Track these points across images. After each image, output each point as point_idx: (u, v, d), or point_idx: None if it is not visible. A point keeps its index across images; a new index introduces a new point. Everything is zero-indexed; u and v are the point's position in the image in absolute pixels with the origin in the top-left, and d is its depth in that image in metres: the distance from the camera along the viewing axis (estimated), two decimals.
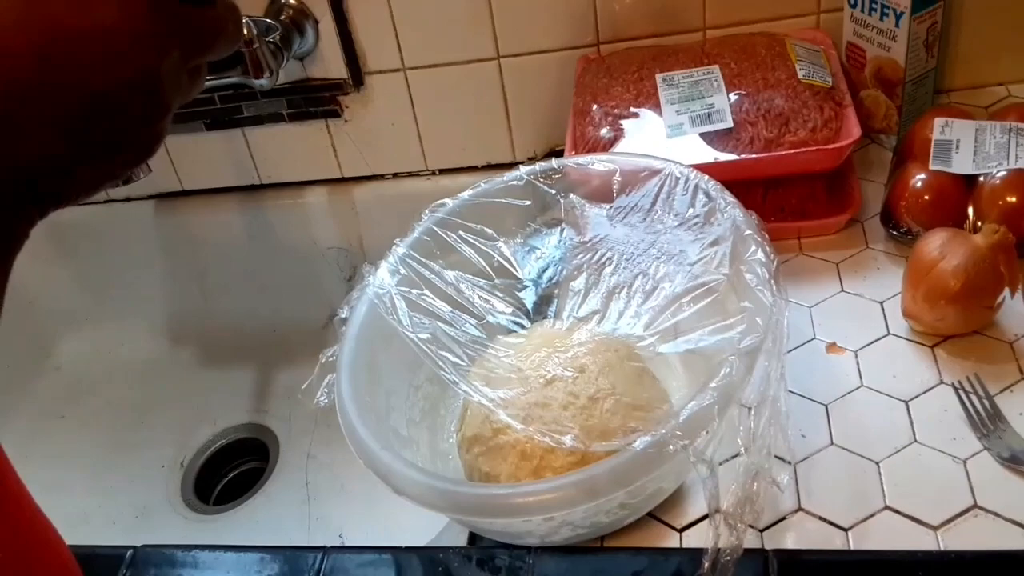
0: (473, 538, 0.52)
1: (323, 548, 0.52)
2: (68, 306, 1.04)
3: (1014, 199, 0.60)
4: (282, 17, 0.81)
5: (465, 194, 0.63)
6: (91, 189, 0.30)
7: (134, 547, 0.53)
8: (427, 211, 0.62)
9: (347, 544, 0.73)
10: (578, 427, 0.48)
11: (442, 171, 0.91)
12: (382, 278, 0.58)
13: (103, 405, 0.99)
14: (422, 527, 0.54)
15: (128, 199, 0.98)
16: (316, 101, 0.87)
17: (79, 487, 0.90)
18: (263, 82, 0.77)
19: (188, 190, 0.97)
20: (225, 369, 0.99)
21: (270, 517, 0.83)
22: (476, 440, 0.53)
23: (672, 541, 0.49)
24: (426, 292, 0.58)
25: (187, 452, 0.91)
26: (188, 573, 0.52)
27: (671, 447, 0.42)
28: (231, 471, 0.91)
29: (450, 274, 0.60)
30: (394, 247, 0.60)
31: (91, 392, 1.01)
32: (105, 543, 0.54)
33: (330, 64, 0.84)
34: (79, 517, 0.86)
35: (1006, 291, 0.55)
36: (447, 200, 0.63)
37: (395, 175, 0.92)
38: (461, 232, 0.62)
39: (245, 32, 0.74)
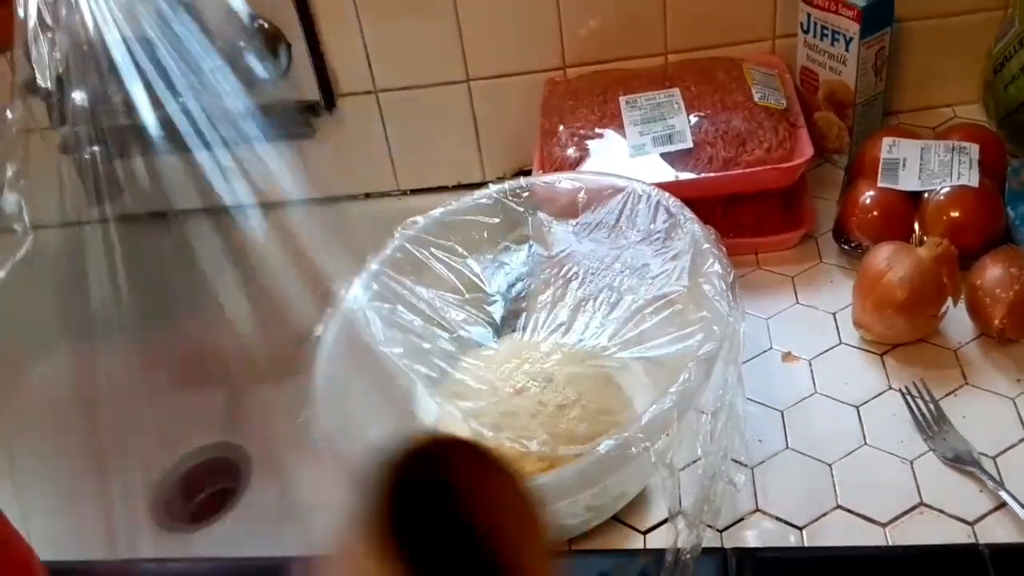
0: None
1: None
2: (39, 331, 1.03)
3: (956, 214, 0.63)
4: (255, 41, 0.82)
5: (436, 212, 0.65)
6: None
7: (110, 560, 0.54)
8: (399, 229, 0.64)
9: None
10: (546, 433, 0.50)
11: (413, 191, 0.93)
12: (355, 294, 0.59)
13: (74, 431, 0.98)
14: None
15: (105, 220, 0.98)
16: (288, 122, 0.89)
17: (54, 511, 0.89)
18: None
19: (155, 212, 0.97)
20: (196, 391, 0.98)
21: (242, 538, 0.83)
22: None
23: (637, 543, 0.51)
24: (399, 307, 0.59)
25: (157, 474, 0.91)
26: None
27: (633, 449, 0.44)
28: (201, 493, 0.91)
29: (422, 290, 0.61)
30: (368, 264, 0.61)
31: (64, 417, 1.00)
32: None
33: (303, 86, 0.86)
34: (53, 538, 0.85)
35: (949, 301, 0.58)
36: (419, 218, 0.64)
37: (367, 195, 0.94)
38: (432, 249, 0.63)
39: None
